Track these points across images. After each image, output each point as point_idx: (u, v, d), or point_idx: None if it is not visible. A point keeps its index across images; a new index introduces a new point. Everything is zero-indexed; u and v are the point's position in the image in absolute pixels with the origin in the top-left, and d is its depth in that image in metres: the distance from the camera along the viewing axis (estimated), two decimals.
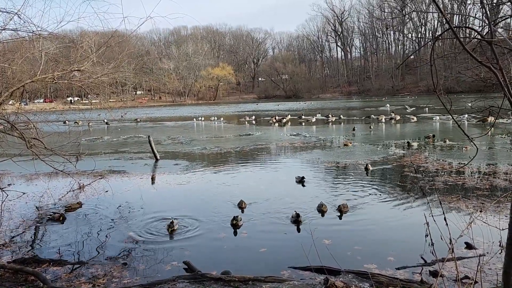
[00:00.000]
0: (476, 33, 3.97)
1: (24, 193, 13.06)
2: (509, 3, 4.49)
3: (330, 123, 37.22)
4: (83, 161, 13.09)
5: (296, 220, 9.05)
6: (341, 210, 9.68)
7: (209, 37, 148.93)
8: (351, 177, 13.94)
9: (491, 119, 23.39)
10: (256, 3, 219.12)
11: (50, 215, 10.32)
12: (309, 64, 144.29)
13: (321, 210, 9.82)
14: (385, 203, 10.63)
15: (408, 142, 20.54)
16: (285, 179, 14.10)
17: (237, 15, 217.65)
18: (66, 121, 35.21)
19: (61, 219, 10.05)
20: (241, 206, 10.43)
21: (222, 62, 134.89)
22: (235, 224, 9.03)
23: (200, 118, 47.96)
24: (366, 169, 14.54)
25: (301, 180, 13.07)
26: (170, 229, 8.85)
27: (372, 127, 29.05)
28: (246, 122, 42.46)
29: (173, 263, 7.29)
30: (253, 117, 46.56)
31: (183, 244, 8.21)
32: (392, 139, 23.51)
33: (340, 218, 9.39)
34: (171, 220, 9.05)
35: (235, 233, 8.73)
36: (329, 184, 13.18)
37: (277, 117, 41.81)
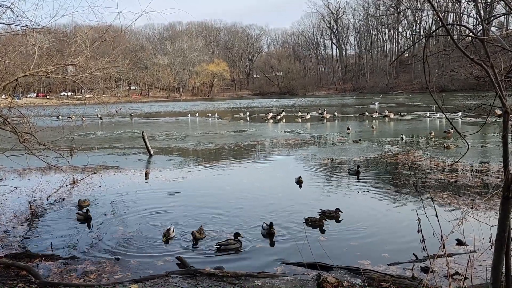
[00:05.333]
0: (469, 31, 4.00)
1: (16, 187, 12.98)
2: (502, 2, 4.52)
3: (325, 120, 37.33)
4: (76, 156, 13.02)
5: (269, 231, 8.18)
6: (320, 224, 8.75)
7: (204, 33, 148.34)
8: (345, 174, 13.97)
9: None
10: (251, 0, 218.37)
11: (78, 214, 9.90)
12: (304, 61, 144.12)
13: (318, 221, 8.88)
14: (379, 200, 10.69)
15: (402, 137, 21.55)
16: (279, 176, 14.13)
17: (232, 11, 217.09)
18: (60, 116, 34.98)
19: (88, 215, 9.68)
20: (194, 236, 8.12)
21: (217, 58, 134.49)
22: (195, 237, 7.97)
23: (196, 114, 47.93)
24: (357, 172, 13.47)
25: (298, 181, 12.69)
26: (166, 238, 8.14)
27: (374, 126, 28.88)
28: (241, 119, 42.42)
29: (166, 258, 7.30)
30: (248, 113, 46.56)
31: (175, 239, 8.21)
32: (386, 137, 23.62)
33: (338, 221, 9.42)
34: (168, 228, 8.40)
35: (228, 230, 8.74)
36: (324, 182, 13.24)
37: (271, 114, 41.82)
